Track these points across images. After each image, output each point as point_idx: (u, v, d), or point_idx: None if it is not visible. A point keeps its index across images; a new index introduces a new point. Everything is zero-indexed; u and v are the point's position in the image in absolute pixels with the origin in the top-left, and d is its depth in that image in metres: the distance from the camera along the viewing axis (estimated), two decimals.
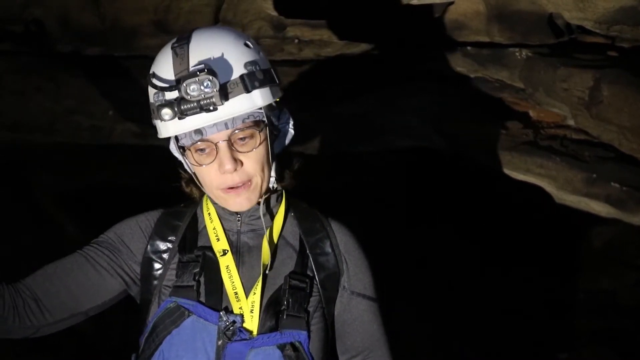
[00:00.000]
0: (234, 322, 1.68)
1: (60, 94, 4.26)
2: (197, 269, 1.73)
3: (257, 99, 1.64)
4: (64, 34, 4.13)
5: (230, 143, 1.64)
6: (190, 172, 1.78)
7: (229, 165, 1.63)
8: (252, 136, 1.67)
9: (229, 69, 1.63)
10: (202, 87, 1.55)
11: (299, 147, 4.54)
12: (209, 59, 1.62)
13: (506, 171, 3.97)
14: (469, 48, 3.95)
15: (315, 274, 1.78)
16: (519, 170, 3.92)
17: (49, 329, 1.80)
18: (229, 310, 1.70)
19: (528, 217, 4.95)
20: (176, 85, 1.58)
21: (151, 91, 1.68)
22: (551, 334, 4.49)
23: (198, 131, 1.63)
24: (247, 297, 1.71)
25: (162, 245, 1.81)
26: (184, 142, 1.68)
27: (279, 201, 1.84)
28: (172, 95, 1.61)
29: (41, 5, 4.05)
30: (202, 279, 1.74)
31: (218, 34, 1.71)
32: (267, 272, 1.74)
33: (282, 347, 1.69)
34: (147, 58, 4.30)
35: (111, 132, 4.35)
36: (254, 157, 1.68)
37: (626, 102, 3.26)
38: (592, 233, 4.82)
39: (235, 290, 1.72)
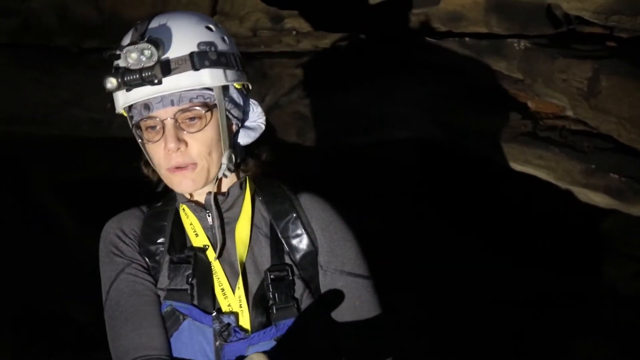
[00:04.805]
0: (228, 324, 1.66)
1: (57, 87, 4.26)
2: (190, 271, 1.70)
3: (205, 78, 1.61)
4: (62, 27, 4.14)
5: (177, 122, 1.61)
6: (144, 151, 1.72)
7: (171, 144, 1.59)
8: (200, 117, 1.62)
9: (179, 45, 1.59)
10: (141, 57, 1.53)
11: (298, 139, 4.54)
12: (162, 34, 1.59)
13: (504, 162, 3.97)
14: (467, 39, 3.95)
15: (292, 258, 1.73)
16: (518, 161, 3.93)
17: None
18: (221, 312, 1.68)
19: (527, 209, 4.94)
20: (120, 53, 1.55)
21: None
22: (549, 324, 4.49)
23: (146, 106, 1.60)
24: (233, 293, 1.69)
25: (152, 250, 1.76)
26: (135, 117, 1.64)
27: (242, 188, 1.77)
28: (120, 65, 1.57)
29: None
30: (194, 281, 1.70)
31: (180, 16, 1.68)
32: (245, 267, 1.71)
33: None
34: None
35: (109, 124, 4.35)
36: (200, 139, 1.63)
37: (625, 93, 3.26)
38: (590, 224, 4.82)
39: (222, 287, 1.70)
